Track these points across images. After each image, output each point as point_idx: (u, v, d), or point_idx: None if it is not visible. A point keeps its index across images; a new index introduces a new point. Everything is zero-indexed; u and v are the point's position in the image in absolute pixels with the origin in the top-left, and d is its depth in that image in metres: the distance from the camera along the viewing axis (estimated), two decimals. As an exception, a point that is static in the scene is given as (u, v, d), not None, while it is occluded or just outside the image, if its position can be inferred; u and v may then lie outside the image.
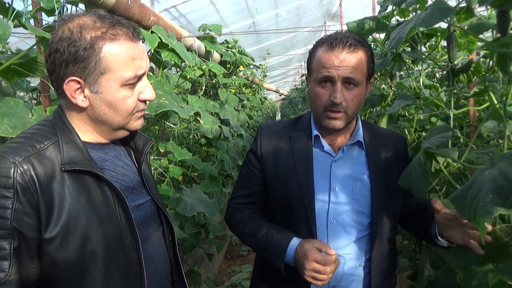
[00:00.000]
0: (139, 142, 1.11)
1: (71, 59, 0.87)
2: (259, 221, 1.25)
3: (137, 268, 0.95)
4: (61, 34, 0.88)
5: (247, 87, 5.34)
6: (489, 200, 0.68)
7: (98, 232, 0.89)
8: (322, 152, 1.23)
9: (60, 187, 0.86)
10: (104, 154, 1.00)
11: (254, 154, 1.30)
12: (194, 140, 3.15)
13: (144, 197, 1.05)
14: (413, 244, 2.24)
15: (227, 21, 6.52)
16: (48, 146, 0.88)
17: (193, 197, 2.15)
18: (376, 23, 1.60)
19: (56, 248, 0.85)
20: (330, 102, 1.13)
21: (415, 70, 2.42)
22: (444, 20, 1.03)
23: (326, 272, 1.04)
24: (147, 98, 0.97)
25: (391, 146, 1.27)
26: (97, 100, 0.92)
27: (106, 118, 0.94)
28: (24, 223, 0.82)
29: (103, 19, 0.90)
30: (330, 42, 1.13)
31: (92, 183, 0.91)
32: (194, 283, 2.46)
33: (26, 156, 0.84)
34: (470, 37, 1.59)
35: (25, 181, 0.82)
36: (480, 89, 1.40)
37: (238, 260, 4.36)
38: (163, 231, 1.12)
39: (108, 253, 0.90)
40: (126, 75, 0.91)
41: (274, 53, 6.57)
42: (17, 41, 3.83)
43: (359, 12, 8.03)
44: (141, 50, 0.94)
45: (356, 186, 1.19)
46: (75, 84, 0.89)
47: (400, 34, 1.11)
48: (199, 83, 3.16)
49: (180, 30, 2.69)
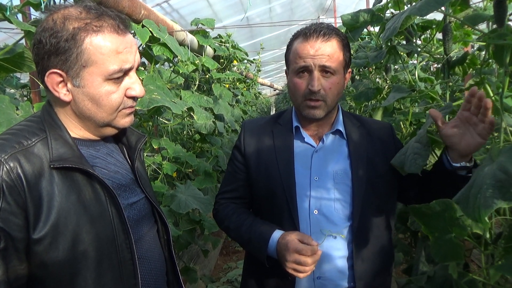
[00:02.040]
0: (131, 139, 1.08)
1: (52, 50, 0.84)
2: (244, 215, 1.26)
3: (131, 269, 0.93)
4: (44, 25, 0.85)
5: (241, 82, 5.31)
6: (489, 194, 0.67)
7: (90, 231, 0.86)
8: (303, 144, 1.25)
9: (48, 185, 0.83)
10: (95, 151, 0.96)
11: (238, 149, 1.33)
12: (188, 136, 3.12)
13: (137, 195, 1.03)
14: (408, 238, 2.24)
15: (220, 16, 6.46)
16: (36, 143, 0.85)
17: (187, 194, 2.13)
18: (371, 16, 1.58)
19: (45, 249, 0.82)
20: (308, 91, 1.16)
21: (410, 63, 2.41)
22: (439, 9, 1.01)
23: (307, 263, 1.03)
24: (135, 94, 0.93)
25: (376, 134, 1.28)
26: (79, 94, 0.88)
27: (89, 113, 0.90)
28: (11, 224, 0.78)
29: (89, 10, 0.87)
30: (305, 33, 1.17)
31: (83, 181, 0.88)
32: (190, 280, 2.45)
33: (12, 153, 0.81)
34: (465, 29, 1.58)
35: (11, 179, 0.79)
36: (475, 82, 1.39)
37: (234, 256, 4.35)
38: (158, 230, 1.10)
39: (100, 253, 0.87)
40: (109, 69, 0.87)
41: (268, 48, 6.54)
42: (6, 38, 3.76)
43: (352, 6, 8.01)
44: (128, 44, 0.90)
45: (337, 175, 1.20)
46: (57, 76, 0.86)
47: (395, 24, 1.09)
48: (192, 78, 3.12)
49: (172, 24, 2.65)
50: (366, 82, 2.22)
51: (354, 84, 2.34)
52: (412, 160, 1.06)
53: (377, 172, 1.21)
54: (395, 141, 1.31)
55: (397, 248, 2.05)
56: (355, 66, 2.00)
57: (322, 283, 1.17)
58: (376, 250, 1.20)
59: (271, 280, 1.23)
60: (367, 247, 1.18)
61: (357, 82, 2.36)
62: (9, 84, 2.81)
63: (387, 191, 1.24)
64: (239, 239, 1.26)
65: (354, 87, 2.32)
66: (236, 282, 3.59)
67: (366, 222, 1.18)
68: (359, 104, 2.27)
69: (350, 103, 2.94)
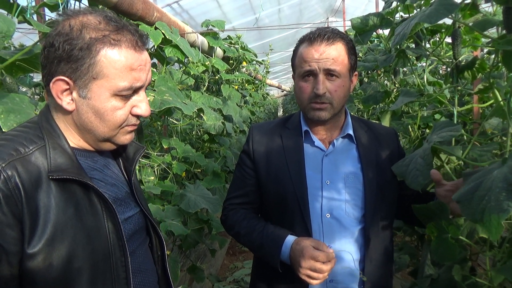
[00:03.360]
0: (129, 150, 1.03)
1: (64, 56, 0.80)
2: (254, 221, 1.25)
3: (125, 287, 0.88)
4: (60, 29, 0.81)
5: (250, 83, 5.33)
6: (503, 198, 0.67)
7: (86, 248, 0.81)
8: (313, 147, 1.25)
9: (46, 197, 0.78)
10: (93, 162, 0.92)
11: (246, 154, 1.32)
12: (197, 136, 3.15)
13: (132, 209, 0.98)
14: (415, 241, 2.24)
15: (229, 17, 6.50)
16: (34, 151, 0.80)
17: (196, 193, 2.16)
18: (380, 19, 1.59)
19: (38, 265, 0.76)
20: (313, 94, 1.17)
21: (418, 66, 2.41)
22: (448, 16, 1.03)
23: (323, 270, 1.04)
24: (141, 113, 0.89)
25: (383, 140, 1.29)
26: (84, 105, 0.84)
27: (91, 126, 0.86)
28: (6, 236, 0.73)
29: (109, 21, 0.84)
30: (309, 38, 1.19)
31: (80, 194, 0.83)
32: (197, 279, 2.47)
33: (10, 161, 0.76)
34: (475, 33, 1.58)
35: (8, 189, 0.74)
36: (484, 86, 1.39)
37: (241, 256, 4.37)
38: (152, 245, 1.04)
39: (95, 270, 0.82)
40: (120, 85, 0.83)
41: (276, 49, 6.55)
42: (20, 36, 3.83)
43: (362, 7, 8.00)
44: (143, 61, 0.87)
45: (348, 179, 1.20)
46: (64, 84, 0.82)
47: (405, 30, 1.10)
48: (202, 79, 3.15)
49: (183, 26, 2.68)
50: (374, 85, 2.24)
51: (363, 87, 2.35)
52: (414, 176, 1.06)
53: (386, 177, 1.22)
54: (399, 148, 1.32)
55: (403, 250, 2.05)
56: (364, 69, 2.01)
57: (334, 286, 1.18)
58: (382, 252, 1.22)
59: (282, 284, 1.22)
60: (375, 249, 1.20)
61: (365, 85, 2.37)
62: (23, 83, 2.87)
63: (393, 196, 1.26)
64: (250, 245, 1.25)
65: (363, 90, 2.33)
66: (242, 282, 3.61)
67: (376, 225, 1.20)
68: (367, 107, 2.28)
69: (358, 105, 2.95)
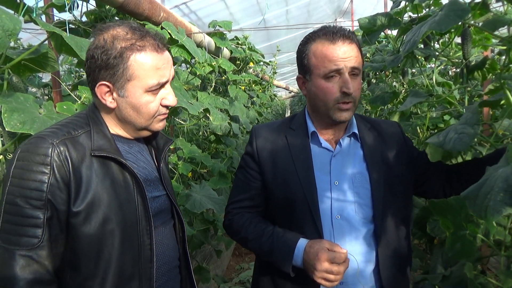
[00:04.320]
0: (160, 142, 1.21)
1: (103, 65, 0.98)
2: (262, 225, 1.22)
3: (148, 253, 1.03)
4: (97, 43, 1.00)
5: (257, 84, 5.32)
6: (500, 199, 0.66)
7: (118, 213, 0.99)
8: (320, 149, 1.23)
9: (88, 170, 0.97)
10: (129, 147, 1.10)
11: (250, 156, 1.29)
12: (203, 137, 3.15)
13: (160, 191, 1.14)
14: (423, 244, 2.21)
15: (236, 18, 6.50)
16: (81, 134, 1.00)
17: (202, 194, 2.15)
18: (389, 19, 1.57)
19: (80, 222, 0.95)
20: (341, 94, 1.15)
21: (427, 67, 2.38)
22: (459, 23, 1.01)
23: (339, 272, 1.03)
24: (169, 104, 1.07)
25: (387, 134, 1.27)
26: (123, 103, 1.03)
27: (130, 119, 1.05)
28: (57, 197, 0.93)
29: (134, 30, 1.01)
30: (327, 36, 1.15)
31: (116, 170, 1.01)
32: (203, 280, 2.47)
33: (62, 139, 0.96)
34: (485, 33, 1.55)
35: (60, 160, 0.93)
36: (495, 87, 1.37)
37: (247, 257, 4.36)
38: (175, 226, 1.20)
39: (124, 234, 0.99)
40: (150, 83, 1.01)
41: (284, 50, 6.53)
42: (30, 37, 3.87)
43: (370, 8, 7.95)
44: (166, 60, 1.04)
45: (356, 179, 1.19)
46: (105, 87, 1.01)
47: (415, 37, 1.08)
48: (209, 80, 3.15)
49: (190, 26, 2.68)
50: (382, 86, 2.21)
51: (370, 88, 2.32)
52: (456, 140, 1.00)
53: (392, 173, 1.20)
54: (405, 138, 1.30)
55: (413, 253, 2.02)
56: (371, 70, 1.99)
57: None
58: (397, 253, 1.19)
59: (289, 286, 1.19)
60: (388, 250, 1.18)
61: (373, 85, 2.34)
62: (32, 83, 2.90)
63: (404, 191, 1.24)
64: (259, 250, 1.21)
65: (370, 91, 2.31)
66: (248, 283, 3.60)
67: (387, 225, 1.18)
68: (375, 108, 2.26)
69: (366, 107, 2.92)
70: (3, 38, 1.11)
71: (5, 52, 1.16)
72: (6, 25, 1.12)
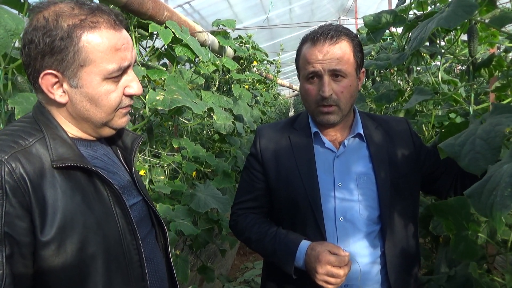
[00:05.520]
0: (127, 140, 1.03)
1: (47, 50, 0.79)
2: (265, 225, 1.22)
3: (139, 271, 0.89)
4: (35, 23, 0.79)
5: (261, 83, 5.32)
6: (507, 193, 0.65)
7: (97, 233, 0.82)
8: (323, 149, 1.21)
9: (51, 187, 0.78)
10: (93, 151, 0.92)
11: (254, 157, 1.28)
12: (207, 136, 3.15)
13: (135, 197, 0.99)
14: (429, 243, 2.20)
15: (240, 17, 6.49)
16: (34, 143, 0.80)
17: (206, 193, 2.15)
18: (393, 17, 1.56)
19: (53, 253, 0.77)
20: (319, 97, 1.13)
21: (432, 64, 2.36)
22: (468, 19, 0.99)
23: (340, 275, 1.02)
24: (134, 92, 0.89)
25: (394, 132, 1.25)
26: (77, 95, 0.84)
27: (88, 114, 0.86)
28: (16, 228, 0.73)
29: (82, 5, 0.82)
30: (312, 37, 1.14)
31: (85, 181, 0.84)
32: (207, 279, 2.46)
33: (12, 153, 0.76)
34: (492, 30, 1.54)
35: (14, 180, 0.74)
36: (502, 84, 1.35)
37: (251, 256, 4.36)
38: (156, 234, 1.05)
39: (108, 255, 0.83)
40: (109, 68, 0.83)
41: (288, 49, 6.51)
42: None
43: (374, 6, 7.92)
44: (125, 40, 0.86)
45: (361, 180, 1.17)
46: (52, 77, 0.81)
47: (422, 34, 1.07)
48: (213, 79, 3.15)
49: (193, 25, 2.68)
50: (387, 84, 2.20)
51: (375, 86, 2.31)
52: (472, 159, 0.90)
53: (399, 173, 1.18)
54: (412, 136, 1.28)
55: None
56: (376, 68, 1.98)
57: None
58: (405, 253, 1.18)
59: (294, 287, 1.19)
60: (396, 250, 1.16)
61: (378, 83, 2.33)
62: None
63: (410, 191, 1.22)
64: (262, 251, 1.22)
65: (375, 89, 2.29)
66: (252, 282, 3.60)
67: (394, 225, 1.16)
68: (380, 106, 2.25)
69: (371, 105, 2.91)
70: (5, 38, 1.11)
71: (10, 52, 1.16)
72: (8, 25, 1.12)
